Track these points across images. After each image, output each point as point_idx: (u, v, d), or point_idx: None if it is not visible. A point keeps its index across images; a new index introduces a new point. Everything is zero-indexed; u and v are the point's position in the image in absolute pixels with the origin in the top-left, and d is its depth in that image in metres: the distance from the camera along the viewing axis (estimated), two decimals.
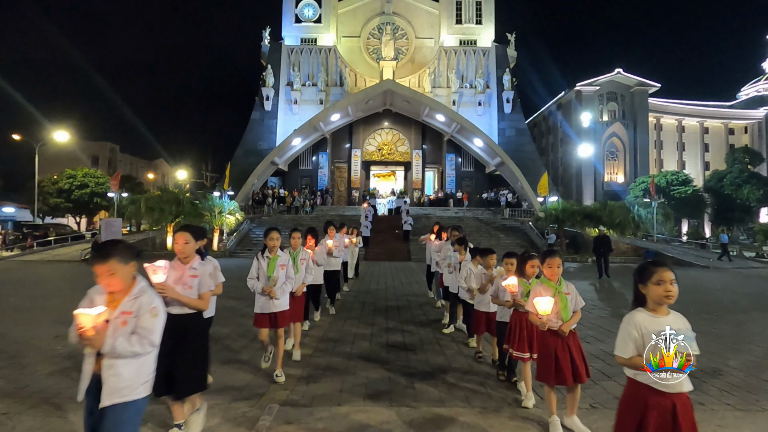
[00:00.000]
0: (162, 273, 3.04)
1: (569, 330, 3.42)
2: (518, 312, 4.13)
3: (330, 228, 7.91)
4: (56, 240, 27.05)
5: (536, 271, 4.07)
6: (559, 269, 3.50)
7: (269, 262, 4.56)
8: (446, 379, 4.78)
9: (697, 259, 23.16)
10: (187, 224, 4.60)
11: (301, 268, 5.32)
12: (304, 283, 5.33)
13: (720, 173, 48.82)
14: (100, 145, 61.07)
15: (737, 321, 8.33)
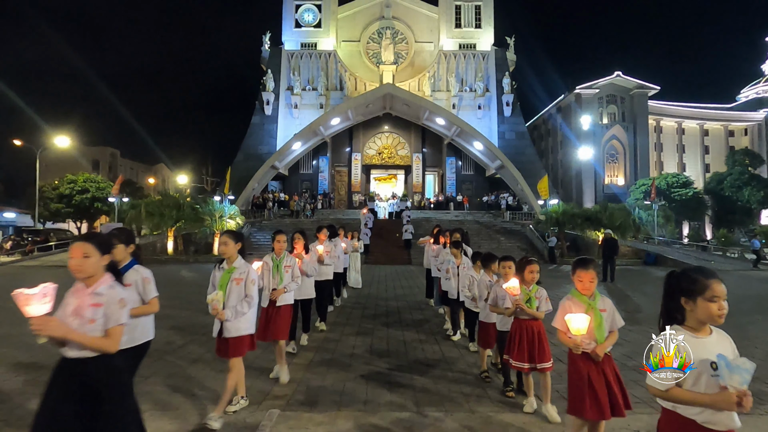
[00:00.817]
0: (41, 303, 2.08)
1: (604, 353, 2.92)
2: (519, 320, 3.94)
3: (321, 232, 7.10)
4: (57, 245, 27.05)
5: (536, 277, 3.93)
6: (592, 283, 2.99)
7: (222, 275, 3.71)
8: (447, 383, 4.76)
9: (698, 262, 23.09)
10: (91, 232, 3.60)
11: (285, 276, 4.78)
12: (284, 289, 4.72)
13: (720, 175, 48.80)
14: (101, 150, 61.28)
15: (738, 324, 8.30)
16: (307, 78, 41.25)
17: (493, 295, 4.47)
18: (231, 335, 3.66)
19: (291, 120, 39.69)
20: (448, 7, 42.47)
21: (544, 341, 3.88)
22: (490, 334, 4.83)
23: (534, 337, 3.84)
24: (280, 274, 4.77)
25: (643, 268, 22.23)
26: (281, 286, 4.72)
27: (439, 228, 9.48)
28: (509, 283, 3.92)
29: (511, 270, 4.28)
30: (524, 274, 3.97)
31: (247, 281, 3.70)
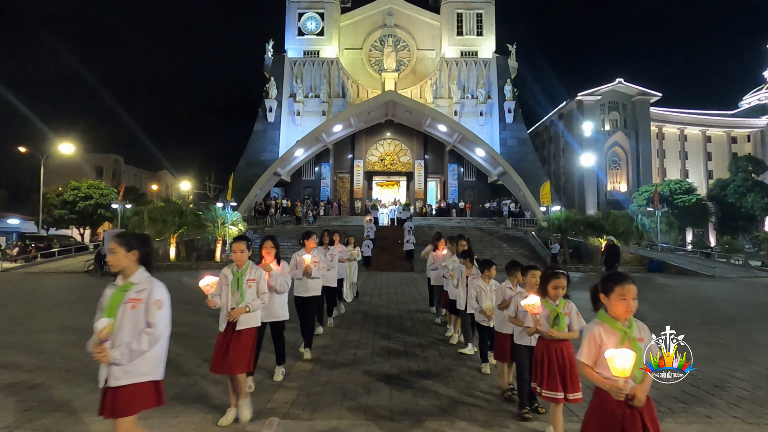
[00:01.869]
0: None
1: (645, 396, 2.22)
2: (545, 340, 3.37)
3: (309, 238, 6.05)
4: (60, 251, 27.15)
5: (561, 294, 3.37)
6: (634, 302, 2.31)
7: (113, 294, 2.60)
8: (449, 393, 4.73)
9: (702, 269, 22.98)
10: None
11: (248, 292, 3.92)
12: (246, 309, 3.85)
13: (723, 182, 48.68)
14: (105, 157, 61.67)
15: (743, 331, 8.23)
16: (310, 85, 41.50)
17: (514, 306, 4.02)
18: (112, 384, 2.53)
19: (293, 127, 39.87)
20: (449, 15, 42.77)
21: (575, 366, 3.17)
22: (506, 345, 4.38)
23: (565, 362, 3.30)
24: (240, 290, 3.89)
25: (647, 275, 22.11)
26: (242, 304, 3.84)
27: (440, 235, 9.33)
28: (528, 300, 3.37)
29: (537, 281, 3.87)
30: (547, 289, 3.39)
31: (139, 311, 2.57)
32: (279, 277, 4.54)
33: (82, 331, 7.60)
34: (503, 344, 4.43)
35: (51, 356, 6.03)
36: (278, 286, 4.53)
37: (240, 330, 3.87)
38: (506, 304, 4.34)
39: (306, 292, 5.94)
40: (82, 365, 5.55)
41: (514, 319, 3.99)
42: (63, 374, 5.21)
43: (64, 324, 8.38)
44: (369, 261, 22.15)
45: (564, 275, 3.40)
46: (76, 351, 6.23)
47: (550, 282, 3.38)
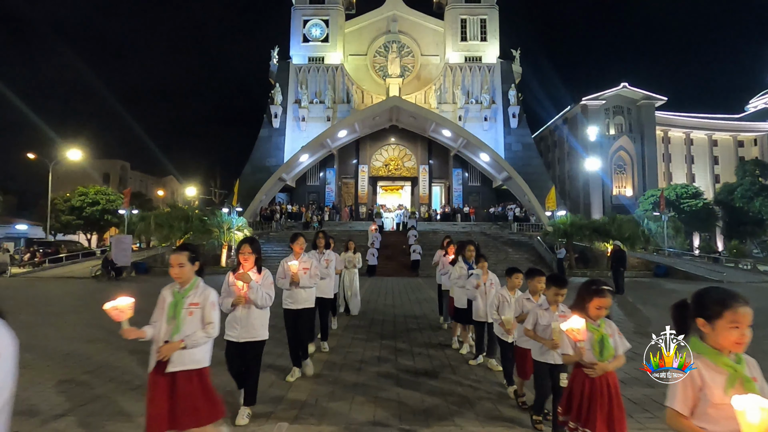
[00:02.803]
0: None
1: None
2: (582, 370, 2.76)
3: (296, 241, 5.15)
4: (67, 257, 27.37)
5: (604, 314, 2.81)
6: (749, 331, 1.79)
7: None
8: (458, 399, 4.73)
9: (710, 273, 22.78)
10: None
11: (187, 321, 2.88)
12: (182, 344, 2.82)
13: (730, 186, 48.32)
14: (112, 163, 62.22)
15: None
16: (315, 91, 41.77)
17: (532, 319, 3.67)
18: None
19: (298, 133, 40.11)
20: (453, 20, 42.99)
21: (620, 399, 2.75)
22: (527, 362, 4.01)
23: (608, 394, 2.70)
24: (177, 318, 2.88)
25: (654, 280, 21.95)
26: (176, 337, 2.83)
27: (450, 239, 9.08)
28: (571, 323, 2.68)
29: (561, 297, 3.53)
30: (587, 308, 2.79)
31: None
32: (259, 289, 3.85)
33: (96, 335, 7.66)
34: (523, 360, 4.13)
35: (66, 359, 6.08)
36: (258, 299, 3.84)
37: (173, 373, 2.81)
38: (524, 317, 4.08)
39: (295, 303, 5.14)
40: (99, 368, 5.59)
41: (532, 333, 3.64)
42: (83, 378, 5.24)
43: (77, 328, 8.45)
44: (374, 270, 21.62)
45: (610, 293, 2.81)
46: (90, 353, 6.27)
47: (592, 301, 2.78)
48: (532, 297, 4.20)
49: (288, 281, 5.05)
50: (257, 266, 3.94)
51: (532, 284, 4.17)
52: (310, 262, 5.26)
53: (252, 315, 3.93)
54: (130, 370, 5.56)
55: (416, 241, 23.99)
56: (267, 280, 3.98)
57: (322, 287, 6.25)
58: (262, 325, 4.01)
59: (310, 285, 5.24)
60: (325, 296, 6.56)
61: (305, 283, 5.14)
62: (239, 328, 3.88)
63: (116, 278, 20.44)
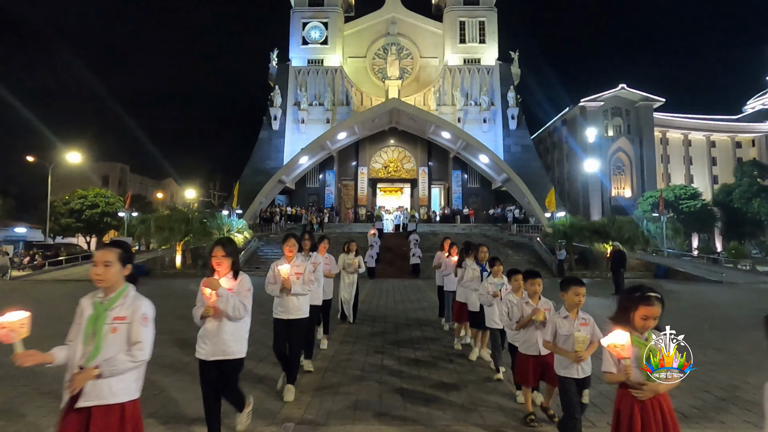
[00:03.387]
0: None
1: None
2: (629, 392, 2.36)
3: (287, 243, 4.72)
4: (67, 260, 27.35)
5: (652, 325, 2.39)
6: None
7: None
8: (460, 400, 4.75)
9: (709, 274, 22.85)
10: None
11: (108, 339, 2.24)
12: (95, 371, 2.15)
13: (729, 187, 48.47)
14: (111, 166, 62.22)
15: (754, 338, 8.19)
16: (314, 93, 41.84)
17: (551, 329, 3.31)
18: None
19: (298, 135, 40.16)
20: (452, 23, 43.13)
21: (677, 425, 2.40)
22: (527, 367, 3.95)
23: (663, 420, 2.35)
24: (97, 335, 2.23)
25: (654, 280, 22.00)
26: (91, 363, 2.17)
27: (450, 240, 9.00)
28: (614, 338, 2.31)
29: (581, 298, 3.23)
30: (633, 318, 2.40)
31: None
32: (231, 298, 3.23)
33: None
34: (524, 366, 3.99)
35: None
36: (229, 309, 3.22)
37: (89, 409, 2.16)
38: (524, 321, 3.99)
39: (286, 313, 4.65)
40: None
41: (552, 345, 3.29)
42: None
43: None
44: (373, 272, 21.46)
45: (660, 302, 2.39)
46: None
47: (637, 310, 2.37)
48: (530, 299, 4.09)
49: (278, 287, 4.57)
50: (233, 271, 3.37)
51: (530, 287, 4.07)
52: (304, 267, 4.75)
53: (224, 329, 3.30)
54: None
55: (416, 245, 23.70)
56: (243, 287, 3.35)
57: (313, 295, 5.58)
58: (236, 340, 3.36)
59: (304, 292, 4.71)
60: (313, 303, 5.61)
61: (297, 290, 4.62)
62: (209, 344, 3.30)
63: None
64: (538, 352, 3.90)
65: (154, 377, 5.08)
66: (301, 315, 4.72)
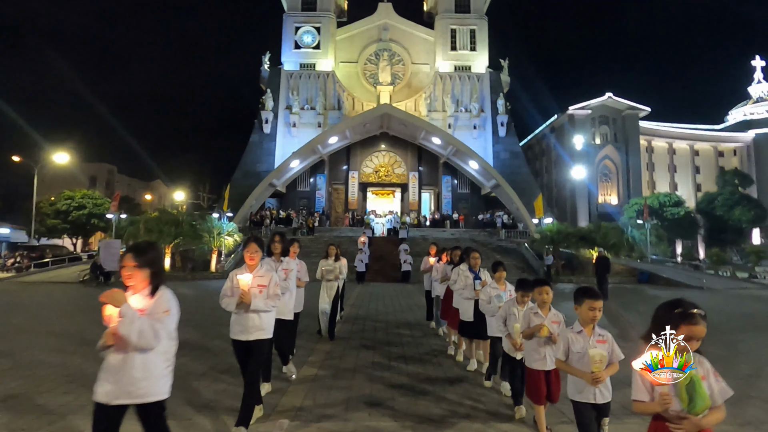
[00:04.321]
0: None
1: None
2: (665, 425, 2.01)
3: (248, 247, 3.93)
4: (53, 261, 26.99)
5: (694, 346, 2.05)
6: None
7: None
8: (452, 398, 4.93)
9: (691, 280, 23.43)
10: None
11: None
12: None
13: (711, 195, 49.65)
14: (98, 167, 61.50)
15: (729, 341, 8.54)
16: (306, 97, 41.95)
17: (563, 346, 2.98)
18: None
19: (289, 138, 40.20)
20: (443, 30, 43.66)
21: None
22: (539, 384, 3.67)
23: None
24: None
25: (637, 286, 22.50)
26: None
27: (436, 246, 9.09)
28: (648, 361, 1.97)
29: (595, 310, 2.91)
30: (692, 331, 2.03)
31: None
32: (139, 320, 2.38)
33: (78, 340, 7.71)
34: (535, 382, 3.69)
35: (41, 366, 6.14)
36: (132, 334, 2.36)
37: None
38: (530, 332, 3.74)
39: (245, 333, 3.87)
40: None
41: (565, 365, 2.96)
42: None
43: (66, 332, 8.47)
44: (363, 277, 21.41)
45: (704, 319, 2.08)
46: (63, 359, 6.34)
47: (678, 329, 2.02)
48: (540, 310, 3.81)
49: (234, 301, 3.79)
50: (153, 286, 2.55)
51: (538, 296, 3.81)
52: (269, 278, 3.93)
53: (130, 362, 2.44)
54: None
55: (407, 253, 23.57)
56: (159, 306, 2.51)
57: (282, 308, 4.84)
58: (147, 377, 2.48)
59: (267, 308, 3.89)
60: (282, 317, 4.90)
61: (259, 306, 3.83)
62: (112, 381, 2.45)
63: (105, 283, 20.27)
64: (546, 366, 3.69)
65: None
66: (263, 335, 3.93)
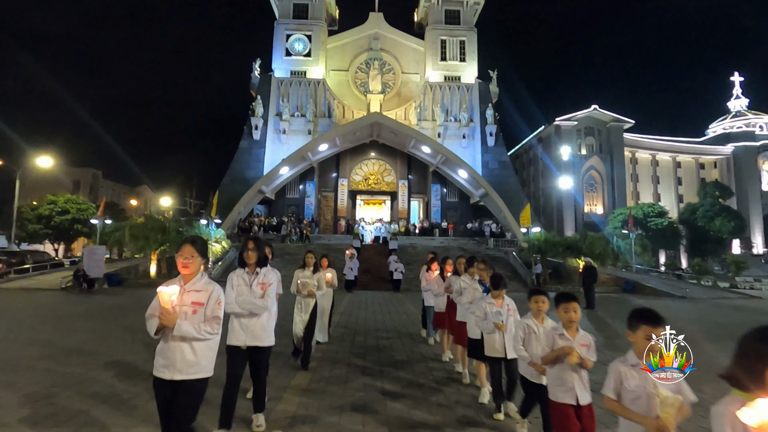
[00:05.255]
0: None
1: None
2: None
3: (181, 251, 2.94)
4: (35, 267, 26.35)
5: None
6: None
7: None
8: (442, 403, 4.98)
9: (674, 289, 23.88)
10: None
11: None
12: None
13: (693, 206, 50.86)
14: (82, 171, 60.46)
15: (709, 349, 8.75)
16: (296, 105, 42.00)
17: (613, 382, 2.41)
18: None
19: (279, 145, 40.14)
20: (433, 41, 44.24)
21: None
22: (568, 423, 2.93)
23: None
24: None
25: (622, 295, 22.86)
26: None
27: (435, 255, 8.94)
28: (762, 411, 1.50)
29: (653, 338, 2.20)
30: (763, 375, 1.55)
31: None
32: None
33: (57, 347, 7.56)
34: (564, 420, 2.95)
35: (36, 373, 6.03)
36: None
37: None
38: (551, 357, 3.07)
39: (170, 369, 2.81)
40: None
41: (617, 405, 2.38)
42: None
43: (49, 340, 8.31)
44: (353, 285, 21.22)
45: None
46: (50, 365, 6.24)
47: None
48: (566, 331, 3.12)
49: (154, 323, 2.81)
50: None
51: (564, 314, 3.14)
52: (209, 293, 2.89)
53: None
54: (109, 383, 5.58)
55: (397, 261, 23.40)
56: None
57: (255, 329, 3.88)
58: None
59: (199, 335, 2.81)
60: (259, 343, 3.90)
61: (186, 331, 2.78)
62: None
63: (88, 290, 19.86)
64: (576, 400, 2.97)
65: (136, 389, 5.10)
66: (197, 374, 2.83)
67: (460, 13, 44.62)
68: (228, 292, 3.82)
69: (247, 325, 3.89)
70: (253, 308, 3.87)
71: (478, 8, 44.90)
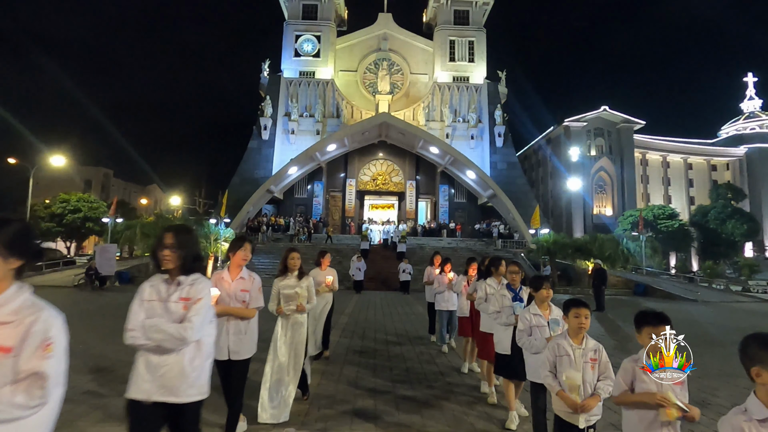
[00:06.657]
0: None
1: None
2: None
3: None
4: (47, 265, 26.76)
5: None
6: None
7: None
8: (452, 408, 4.97)
9: (685, 293, 23.59)
10: None
11: None
12: None
13: (704, 208, 50.20)
14: (94, 170, 61.32)
15: (725, 354, 8.63)
16: (305, 105, 42.17)
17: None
18: None
19: (288, 145, 40.33)
20: (442, 41, 44.17)
21: None
22: None
23: None
24: None
25: (633, 298, 22.64)
26: None
27: (439, 255, 8.85)
28: None
29: None
30: None
31: None
32: None
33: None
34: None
35: None
36: None
37: None
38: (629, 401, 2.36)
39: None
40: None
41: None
42: None
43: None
44: (361, 286, 21.12)
45: None
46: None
47: None
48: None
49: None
50: None
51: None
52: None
53: None
54: None
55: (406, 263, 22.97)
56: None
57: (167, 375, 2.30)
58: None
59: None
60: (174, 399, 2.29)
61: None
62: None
63: (100, 287, 20.13)
64: None
65: None
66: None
67: (469, 14, 44.50)
68: (134, 310, 2.33)
69: (156, 366, 2.26)
70: (164, 339, 2.23)
71: (487, 8, 44.74)
